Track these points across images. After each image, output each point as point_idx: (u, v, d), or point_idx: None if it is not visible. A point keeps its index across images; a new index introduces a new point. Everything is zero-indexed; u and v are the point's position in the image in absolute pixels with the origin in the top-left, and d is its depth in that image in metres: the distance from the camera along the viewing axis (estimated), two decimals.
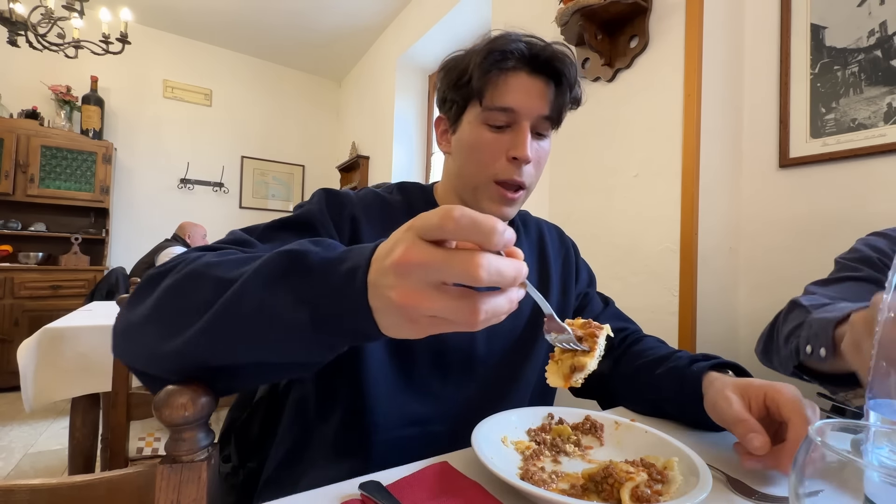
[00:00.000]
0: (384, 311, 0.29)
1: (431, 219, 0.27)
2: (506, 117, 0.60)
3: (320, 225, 0.58)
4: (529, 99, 0.60)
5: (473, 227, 0.26)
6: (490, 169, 0.62)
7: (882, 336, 0.34)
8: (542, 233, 0.79)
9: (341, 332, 0.32)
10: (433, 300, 0.27)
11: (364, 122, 3.98)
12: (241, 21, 3.60)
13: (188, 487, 0.35)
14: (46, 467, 1.95)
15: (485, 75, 0.59)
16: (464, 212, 0.26)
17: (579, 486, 0.43)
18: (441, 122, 0.69)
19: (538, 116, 0.61)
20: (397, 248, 0.28)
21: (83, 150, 3.23)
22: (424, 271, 0.27)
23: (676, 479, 0.43)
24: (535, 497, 0.38)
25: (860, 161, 1.08)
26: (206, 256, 0.41)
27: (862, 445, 0.29)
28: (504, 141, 0.61)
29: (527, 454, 0.50)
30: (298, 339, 0.32)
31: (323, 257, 0.33)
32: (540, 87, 0.61)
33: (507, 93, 0.59)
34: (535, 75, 0.60)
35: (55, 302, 2.99)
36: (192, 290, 0.37)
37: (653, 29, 1.37)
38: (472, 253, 0.26)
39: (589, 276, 0.83)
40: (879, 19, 1.05)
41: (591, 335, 0.41)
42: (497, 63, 0.59)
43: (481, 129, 0.61)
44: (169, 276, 0.40)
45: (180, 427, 0.35)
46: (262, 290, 0.33)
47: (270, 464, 0.64)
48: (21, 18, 2.18)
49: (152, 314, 0.39)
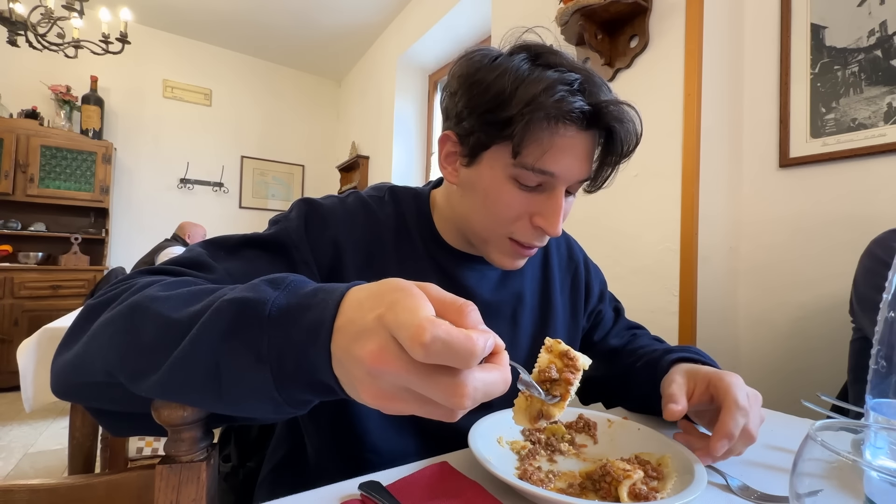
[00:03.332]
0: (351, 390, 0.27)
1: (403, 330, 0.23)
2: (540, 178, 0.50)
3: (294, 248, 0.52)
4: (575, 162, 0.50)
5: (448, 354, 0.22)
6: (508, 228, 0.53)
7: (882, 336, 0.34)
8: (548, 248, 0.71)
9: (310, 389, 0.29)
10: (407, 403, 0.25)
11: (364, 122, 3.98)
12: (241, 21, 3.60)
13: (187, 487, 0.35)
14: (46, 467, 1.95)
15: (530, 133, 0.47)
16: (435, 335, 0.22)
17: (577, 485, 0.44)
18: (449, 143, 0.55)
19: (577, 181, 0.52)
20: (368, 343, 0.24)
21: (83, 150, 3.23)
22: (399, 379, 0.24)
23: (671, 475, 0.44)
24: (535, 497, 0.38)
25: (860, 161, 1.08)
26: (153, 287, 0.36)
27: (862, 445, 0.29)
28: (532, 203, 0.51)
29: (522, 454, 0.50)
30: (262, 397, 0.29)
31: (280, 306, 0.29)
32: (588, 147, 0.51)
33: (554, 157, 0.48)
34: (588, 131, 0.50)
35: (55, 302, 2.99)
36: (137, 327, 0.33)
37: (653, 29, 1.37)
38: (453, 378, 0.23)
39: (600, 287, 0.76)
40: (879, 19, 1.05)
41: (566, 381, 0.38)
42: (550, 123, 0.47)
43: (507, 185, 0.51)
44: (109, 309, 0.36)
45: (179, 427, 0.35)
46: (216, 348, 0.29)
47: (269, 464, 0.64)
48: (21, 18, 2.18)
49: (95, 351, 0.34)
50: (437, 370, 0.23)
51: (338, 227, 0.55)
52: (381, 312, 0.24)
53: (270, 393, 0.28)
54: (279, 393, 0.28)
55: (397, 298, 0.24)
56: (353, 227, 0.56)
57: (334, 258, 0.54)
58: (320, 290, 0.30)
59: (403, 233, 0.60)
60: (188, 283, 0.38)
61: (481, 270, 0.62)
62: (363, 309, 0.26)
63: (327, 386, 0.28)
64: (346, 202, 0.59)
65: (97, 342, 0.35)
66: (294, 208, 0.56)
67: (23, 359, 1.25)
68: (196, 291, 0.35)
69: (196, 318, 0.31)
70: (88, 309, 0.38)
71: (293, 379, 0.28)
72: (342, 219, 0.56)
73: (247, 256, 0.49)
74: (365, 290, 0.27)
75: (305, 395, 0.30)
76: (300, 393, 0.29)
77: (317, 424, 0.58)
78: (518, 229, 0.53)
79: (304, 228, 0.53)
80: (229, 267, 0.47)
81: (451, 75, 0.54)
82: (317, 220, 0.55)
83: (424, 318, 0.23)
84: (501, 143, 0.49)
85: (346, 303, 0.27)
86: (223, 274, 0.46)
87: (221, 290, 0.33)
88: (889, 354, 0.34)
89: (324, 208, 0.56)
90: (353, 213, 0.58)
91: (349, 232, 0.56)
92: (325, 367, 0.27)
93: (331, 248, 0.54)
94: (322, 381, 0.28)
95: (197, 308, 0.32)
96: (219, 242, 0.50)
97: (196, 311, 0.31)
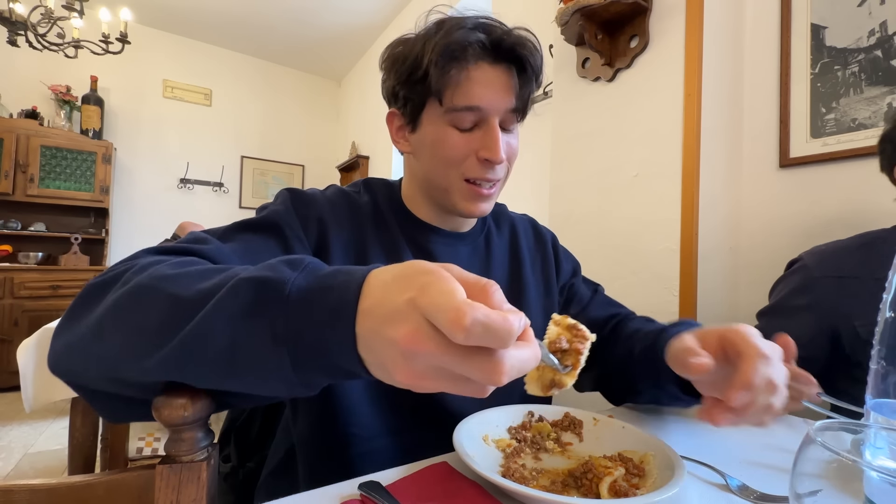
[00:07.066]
0: (379, 371, 0.27)
1: (441, 313, 0.23)
2: (472, 116, 0.56)
3: (287, 226, 0.54)
4: (495, 93, 0.55)
5: (487, 335, 0.22)
6: (459, 169, 0.58)
7: (882, 336, 0.34)
8: (516, 230, 0.75)
9: (327, 371, 0.29)
10: (441, 381, 0.25)
11: (364, 122, 3.98)
12: (241, 21, 3.60)
13: (188, 487, 0.35)
14: (46, 467, 1.95)
15: (444, 74, 0.53)
16: (475, 318, 0.22)
17: (559, 482, 0.45)
18: (395, 118, 0.63)
19: (506, 110, 0.57)
20: (401, 326, 0.24)
21: (83, 150, 3.24)
22: (434, 359, 0.24)
23: (653, 472, 0.44)
24: (517, 494, 0.38)
25: (860, 161, 1.08)
26: (158, 266, 0.36)
27: (862, 445, 0.29)
28: (473, 140, 0.57)
29: (508, 452, 0.50)
30: (277, 378, 0.29)
31: (301, 286, 0.29)
32: (504, 78, 0.56)
33: (471, 90, 0.54)
34: (498, 64, 0.55)
35: (55, 302, 2.99)
36: (144, 308, 0.32)
37: (653, 29, 1.37)
38: (491, 357, 0.23)
39: (572, 265, 0.79)
40: (879, 19, 1.05)
41: (576, 351, 0.40)
42: (456, 59, 0.53)
43: (447, 131, 0.57)
44: (115, 287, 0.35)
45: (180, 427, 0.35)
46: (232, 327, 0.29)
47: (270, 464, 0.64)
48: (21, 18, 2.18)
49: (99, 333, 0.34)
50: (474, 350, 0.23)
51: (322, 207, 0.59)
52: (413, 296, 0.24)
53: (286, 374, 0.28)
54: (295, 374, 0.28)
55: (429, 281, 0.25)
56: (336, 210, 0.60)
57: (321, 235, 0.57)
58: (340, 273, 0.29)
59: (379, 216, 0.64)
60: (195, 263, 0.38)
61: (453, 245, 0.67)
62: (390, 291, 0.26)
63: (346, 368, 0.28)
64: (327, 192, 0.63)
65: (102, 328, 0.34)
66: (279, 196, 0.60)
67: (23, 359, 1.25)
68: (204, 270, 0.35)
69: (208, 295, 0.30)
70: (88, 289, 0.37)
71: (312, 360, 0.28)
72: (325, 202, 0.60)
73: (243, 239, 0.51)
74: (389, 273, 0.27)
75: (321, 377, 0.30)
76: (316, 374, 0.29)
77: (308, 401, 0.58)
78: (468, 167, 0.58)
79: (292, 208, 0.57)
80: (229, 246, 0.48)
81: (379, 64, 0.62)
82: (302, 202, 0.58)
83: (462, 301, 0.23)
84: (431, 100, 0.56)
85: (369, 284, 0.27)
86: (226, 251, 0.47)
87: (234, 269, 0.33)
88: (889, 354, 0.34)
89: (307, 193, 0.60)
90: (334, 200, 0.61)
91: (332, 213, 0.59)
92: (349, 349, 0.27)
93: (317, 225, 0.57)
94: (341, 364, 0.28)
95: (208, 285, 0.31)
96: (213, 231, 0.52)
97: (207, 289, 0.31)
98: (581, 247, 0.85)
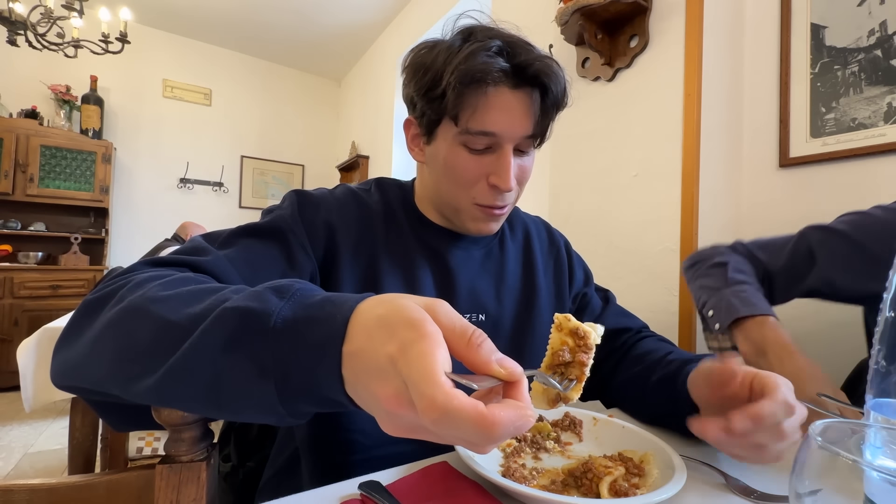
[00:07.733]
0: (368, 411, 0.27)
1: (415, 390, 0.22)
2: (486, 140, 0.54)
3: (291, 232, 0.53)
4: (513, 119, 0.54)
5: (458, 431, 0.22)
6: (470, 192, 0.57)
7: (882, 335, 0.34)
8: (529, 233, 0.74)
9: (316, 404, 0.29)
10: (431, 436, 0.24)
11: (364, 122, 3.98)
12: (240, 21, 3.60)
13: (187, 487, 0.35)
14: (46, 467, 1.95)
15: (460, 97, 0.52)
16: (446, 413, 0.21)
17: (559, 482, 0.45)
18: (411, 126, 0.62)
19: (522, 137, 0.55)
20: (383, 386, 0.24)
21: (83, 150, 3.23)
22: (418, 421, 0.23)
23: (652, 472, 0.44)
24: (516, 493, 0.38)
25: (860, 161, 1.08)
26: (152, 286, 0.36)
27: (862, 445, 0.29)
28: (485, 165, 0.56)
29: (508, 451, 0.50)
30: (267, 410, 0.28)
31: (286, 317, 0.28)
32: (524, 105, 0.54)
33: (488, 115, 0.53)
34: (519, 89, 0.54)
35: (55, 302, 2.98)
36: (133, 330, 0.32)
37: (653, 29, 1.37)
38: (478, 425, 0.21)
39: (585, 273, 0.78)
40: (879, 19, 1.05)
41: (580, 363, 0.39)
42: (476, 82, 0.51)
43: (459, 151, 0.56)
44: (110, 305, 0.36)
45: (179, 427, 0.35)
46: (217, 360, 0.28)
47: (274, 465, 0.63)
48: (20, 18, 2.18)
49: (91, 352, 0.34)
50: (460, 420, 0.22)
51: (330, 211, 0.58)
52: (394, 355, 0.23)
53: (274, 407, 0.27)
54: (283, 406, 0.27)
55: (411, 339, 0.23)
56: (344, 211, 0.59)
57: (328, 240, 0.56)
58: (327, 303, 0.29)
59: (391, 217, 0.63)
60: (188, 281, 0.38)
61: (467, 249, 0.65)
62: (374, 340, 0.25)
63: (335, 400, 0.28)
64: (335, 192, 0.62)
65: (95, 348, 0.34)
66: (286, 198, 0.58)
67: (23, 359, 1.25)
68: (196, 291, 0.34)
69: (196, 321, 0.30)
70: (85, 305, 0.38)
71: (299, 395, 0.27)
72: (333, 204, 0.59)
73: (245, 245, 0.50)
74: (374, 313, 0.26)
75: (310, 409, 0.29)
76: (305, 407, 0.29)
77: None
78: (478, 192, 0.57)
79: (299, 213, 0.55)
80: (228, 254, 0.48)
81: (402, 67, 0.60)
82: (310, 206, 0.57)
83: (437, 386, 0.21)
84: (447, 119, 0.55)
85: (355, 324, 0.26)
86: (225, 263, 0.46)
87: (223, 293, 0.32)
88: (889, 354, 0.34)
89: (315, 196, 0.59)
90: (343, 201, 0.60)
91: (340, 216, 0.58)
92: (336, 387, 0.26)
93: (324, 230, 0.56)
94: (329, 396, 0.28)
95: (197, 310, 0.31)
96: (215, 235, 0.51)
97: (196, 315, 0.31)
98: (581, 247, 0.85)
